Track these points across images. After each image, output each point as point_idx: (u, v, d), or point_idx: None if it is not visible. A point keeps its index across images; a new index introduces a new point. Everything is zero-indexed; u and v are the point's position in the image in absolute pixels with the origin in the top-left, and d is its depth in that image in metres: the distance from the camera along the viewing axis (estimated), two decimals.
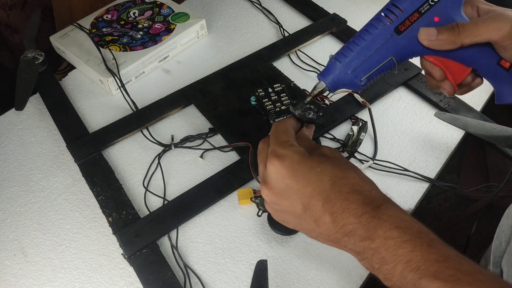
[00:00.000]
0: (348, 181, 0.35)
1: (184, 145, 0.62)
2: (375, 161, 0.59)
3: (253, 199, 0.55)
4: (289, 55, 0.75)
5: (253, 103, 0.64)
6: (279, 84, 0.64)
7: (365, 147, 0.61)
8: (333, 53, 0.42)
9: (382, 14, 0.40)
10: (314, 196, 0.35)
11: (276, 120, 0.59)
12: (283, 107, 0.61)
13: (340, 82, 0.41)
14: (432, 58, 0.41)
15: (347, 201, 0.34)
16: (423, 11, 0.38)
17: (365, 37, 0.39)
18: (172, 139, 0.63)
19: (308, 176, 0.35)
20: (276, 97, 0.62)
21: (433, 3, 0.38)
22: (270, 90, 0.63)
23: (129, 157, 0.62)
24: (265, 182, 0.38)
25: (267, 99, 0.62)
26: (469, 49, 0.38)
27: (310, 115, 0.44)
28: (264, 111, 0.61)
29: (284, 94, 0.63)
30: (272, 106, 0.61)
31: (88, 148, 0.61)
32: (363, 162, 0.59)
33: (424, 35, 0.38)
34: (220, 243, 0.52)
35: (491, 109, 0.68)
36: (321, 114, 0.45)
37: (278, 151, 0.37)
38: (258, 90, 0.63)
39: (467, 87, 0.44)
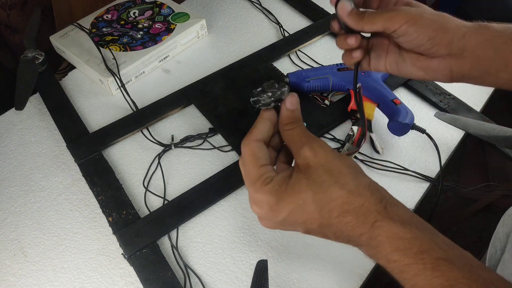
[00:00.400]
0: (335, 203, 0.33)
1: (184, 145, 0.62)
2: (375, 161, 0.59)
3: None
4: (289, 55, 0.75)
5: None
6: (273, 80, 0.64)
7: (365, 147, 0.61)
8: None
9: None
10: (308, 224, 0.34)
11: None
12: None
13: (296, 77, 0.65)
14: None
15: (340, 224, 0.33)
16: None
17: (322, 65, 0.68)
18: (172, 139, 0.63)
19: (294, 213, 0.34)
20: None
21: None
22: (265, 85, 0.63)
23: (129, 157, 0.62)
24: (259, 218, 0.37)
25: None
26: (376, 89, 0.61)
27: (276, 87, 0.38)
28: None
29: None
30: None
31: (88, 148, 0.61)
32: (365, 162, 0.59)
33: (341, 7, 0.41)
34: (220, 243, 0.52)
35: (491, 110, 0.68)
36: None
37: (253, 196, 0.35)
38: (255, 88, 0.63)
39: None
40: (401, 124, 0.57)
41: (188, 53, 0.77)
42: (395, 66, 0.44)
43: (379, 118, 0.64)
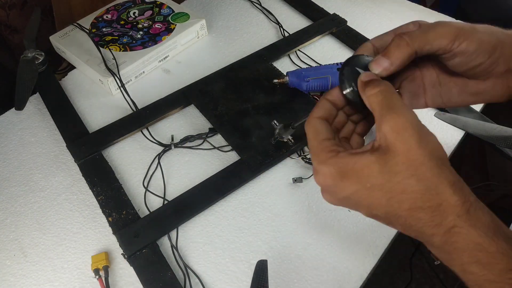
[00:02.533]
0: (407, 196, 0.28)
1: (184, 145, 0.62)
2: None
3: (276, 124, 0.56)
4: (289, 55, 0.75)
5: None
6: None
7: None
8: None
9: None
10: (373, 209, 0.30)
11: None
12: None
13: (295, 76, 0.64)
14: None
15: (411, 218, 0.28)
16: None
17: (319, 65, 0.65)
18: (172, 139, 0.63)
19: (359, 194, 0.30)
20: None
21: None
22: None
23: (129, 157, 0.62)
24: (322, 191, 0.33)
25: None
26: None
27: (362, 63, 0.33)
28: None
29: None
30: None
31: (88, 148, 0.61)
32: None
33: (377, 67, 0.34)
34: (220, 243, 0.52)
35: (491, 109, 0.68)
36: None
37: (317, 168, 0.32)
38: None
39: None
40: None
41: (188, 53, 0.78)
42: (439, 99, 0.38)
43: None
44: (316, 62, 0.73)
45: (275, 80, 0.65)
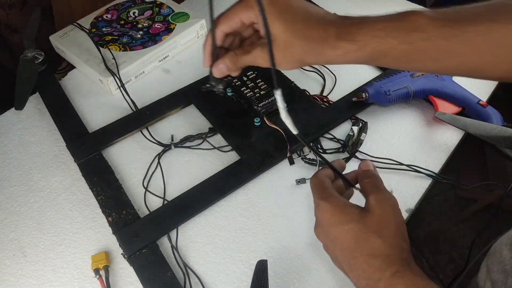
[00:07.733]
0: (369, 244, 0.36)
1: (184, 145, 0.62)
2: (376, 159, 0.59)
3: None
4: None
5: (229, 94, 0.65)
6: (252, 72, 0.65)
7: (367, 146, 0.61)
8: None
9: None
10: (338, 245, 0.38)
11: (259, 105, 0.61)
12: (262, 92, 0.63)
13: (375, 91, 0.63)
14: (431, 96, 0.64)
15: (365, 263, 0.36)
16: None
17: (394, 74, 0.65)
18: (172, 139, 0.63)
19: (336, 228, 0.38)
20: (252, 84, 0.63)
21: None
22: (245, 78, 0.64)
23: (129, 157, 0.62)
24: (316, 225, 0.42)
25: (244, 87, 0.63)
26: (457, 92, 0.63)
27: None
28: (245, 99, 0.62)
29: (259, 80, 0.64)
30: (252, 93, 0.63)
31: (88, 147, 0.61)
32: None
33: (215, 70, 0.47)
34: (220, 243, 0.52)
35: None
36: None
37: (317, 202, 0.40)
38: (233, 80, 0.64)
39: None
40: None
41: (188, 53, 0.77)
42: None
43: (381, 117, 0.64)
44: None
45: (354, 98, 0.64)
